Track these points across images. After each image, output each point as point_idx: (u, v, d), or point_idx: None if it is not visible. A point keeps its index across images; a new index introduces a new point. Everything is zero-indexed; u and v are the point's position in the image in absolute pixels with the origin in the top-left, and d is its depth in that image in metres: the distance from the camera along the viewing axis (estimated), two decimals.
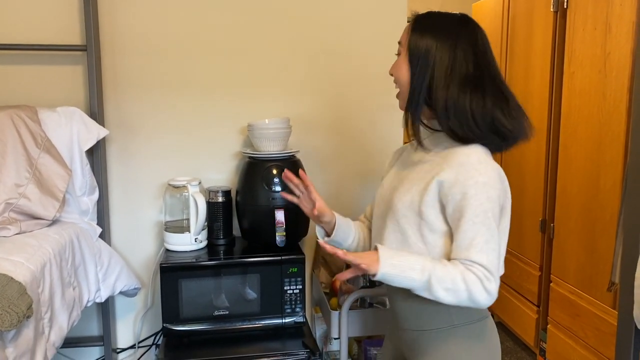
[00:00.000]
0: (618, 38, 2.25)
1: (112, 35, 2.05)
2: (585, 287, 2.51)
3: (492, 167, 1.19)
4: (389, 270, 1.16)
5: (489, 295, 1.15)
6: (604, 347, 2.38)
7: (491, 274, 1.15)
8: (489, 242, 1.16)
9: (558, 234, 2.72)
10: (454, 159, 1.20)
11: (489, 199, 1.16)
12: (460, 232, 1.17)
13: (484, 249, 1.15)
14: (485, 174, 1.17)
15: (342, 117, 2.22)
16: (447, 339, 1.26)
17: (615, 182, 2.28)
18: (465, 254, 1.16)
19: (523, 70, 3.04)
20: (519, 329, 3.14)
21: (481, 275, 1.14)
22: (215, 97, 2.14)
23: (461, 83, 1.21)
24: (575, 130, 2.56)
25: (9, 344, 1.23)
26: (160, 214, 2.16)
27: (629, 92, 2.20)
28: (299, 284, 1.88)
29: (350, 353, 2.15)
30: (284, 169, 1.46)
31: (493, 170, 1.18)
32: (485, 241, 1.16)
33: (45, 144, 1.79)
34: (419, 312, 1.28)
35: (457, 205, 1.18)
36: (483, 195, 1.16)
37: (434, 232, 1.23)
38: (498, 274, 1.17)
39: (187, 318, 1.84)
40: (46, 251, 1.53)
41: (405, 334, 1.34)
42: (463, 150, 1.20)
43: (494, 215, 1.17)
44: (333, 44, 2.18)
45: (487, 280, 1.14)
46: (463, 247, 1.16)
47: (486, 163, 1.18)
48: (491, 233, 1.16)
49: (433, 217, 1.22)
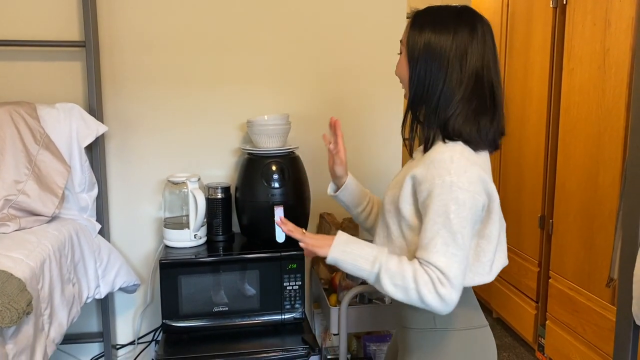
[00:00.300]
0: (617, 34, 2.25)
1: (110, 31, 2.04)
2: (584, 283, 2.51)
3: (466, 168, 1.12)
4: (339, 255, 1.18)
5: (441, 300, 1.09)
6: (602, 343, 2.39)
7: (447, 278, 1.09)
8: (449, 245, 1.10)
9: (557, 230, 2.73)
10: (429, 155, 1.16)
11: (456, 201, 1.10)
12: (423, 230, 1.13)
13: (441, 251, 1.10)
14: (455, 174, 1.11)
15: (342, 113, 2.22)
16: (428, 340, 1.24)
17: (614, 178, 2.28)
18: (423, 253, 1.12)
19: (522, 67, 3.04)
20: (517, 325, 3.15)
21: (434, 277, 1.09)
22: (214, 93, 2.14)
23: (458, 80, 1.18)
24: (574, 127, 2.56)
25: (9, 341, 1.23)
26: (159, 211, 2.16)
27: (628, 88, 2.20)
28: (299, 280, 1.88)
29: (350, 349, 2.15)
30: None
31: (467, 172, 1.12)
32: (444, 244, 1.10)
33: (44, 140, 1.79)
34: (406, 309, 1.28)
35: (423, 203, 1.15)
36: (448, 196, 1.10)
37: (411, 229, 1.21)
38: (459, 282, 1.10)
39: (187, 314, 1.84)
40: (46, 248, 1.53)
41: (399, 330, 1.35)
42: (440, 148, 1.16)
43: (460, 219, 1.10)
44: (333, 40, 2.18)
45: (439, 283, 1.09)
46: (422, 246, 1.12)
47: (459, 163, 1.12)
48: (453, 237, 1.10)
49: (408, 213, 1.20)
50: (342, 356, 1.83)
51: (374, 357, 2.09)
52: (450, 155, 1.13)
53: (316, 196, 2.21)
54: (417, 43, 1.21)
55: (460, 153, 1.14)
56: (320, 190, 2.22)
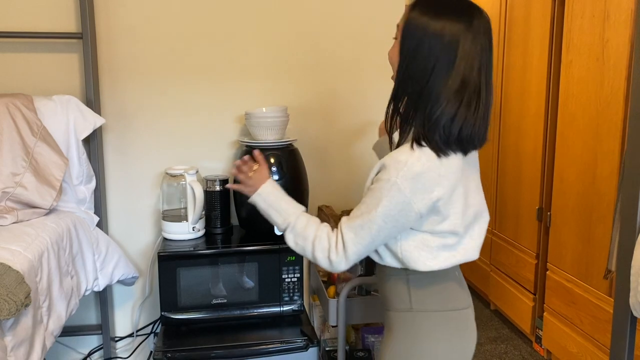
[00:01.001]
0: (616, 26, 2.25)
1: (108, 23, 2.03)
2: (582, 275, 2.52)
3: (416, 176, 1.15)
4: (259, 202, 1.36)
5: (330, 264, 1.25)
6: (599, 334, 2.40)
7: (345, 251, 1.22)
8: (364, 228, 1.20)
9: (554, 222, 2.73)
10: (392, 153, 1.19)
11: (389, 199, 1.16)
12: (358, 205, 1.24)
13: (355, 229, 1.21)
14: (402, 177, 1.15)
15: (340, 106, 2.22)
16: (406, 321, 1.30)
17: (612, 170, 2.29)
18: (344, 221, 1.24)
19: (521, 58, 3.04)
20: (515, 316, 3.16)
21: (332, 245, 1.24)
22: (212, 85, 2.13)
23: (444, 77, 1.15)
24: (572, 119, 2.56)
25: (8, 333, 1.24)
26: (157, 203, 2.15)
27: (627, 81, 2.20)
28: (297, 272, 1.88)
29: (348, 340, 2.16)
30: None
31: (414, 180, 1.15)
32: (361, 225, 1.20)
33: (42, 132, 1.78)
34: (385, 291, 1.34)
35: (370, 185, 1.23)
36: (387, 192, 1.16)
37: None
38: (353, 259, 1.23)
39: (185, 306, 1.85)
40: (44, 240, 1.53)
41: (382, 312, 1.41)
42: (404, 149, 1.18)
43: (385, 214, 1.17)
44: (331, 33, 2.17)
45: (335, 252, 1.23)
46: (349, 216, 1.23)
47: (411, 169, 1.15)
48: (370, 226, 1.19)
49: None
50: (341, 348, 1.83)
51: (372, 349, 2.10)
52: (406, 159, 1.15)
53: (314, 189, 2.21)
54: (410, 30, 1.18)
55: (417, 160, 1.15)
56: (319, 182, 2.22)
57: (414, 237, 1.23)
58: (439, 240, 1.23)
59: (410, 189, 1.15)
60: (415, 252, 1.24)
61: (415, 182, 1.15)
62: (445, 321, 1.29)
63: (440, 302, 1.29)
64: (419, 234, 1.23)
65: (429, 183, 1.16)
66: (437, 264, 1.24)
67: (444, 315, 1.29)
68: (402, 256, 1.25)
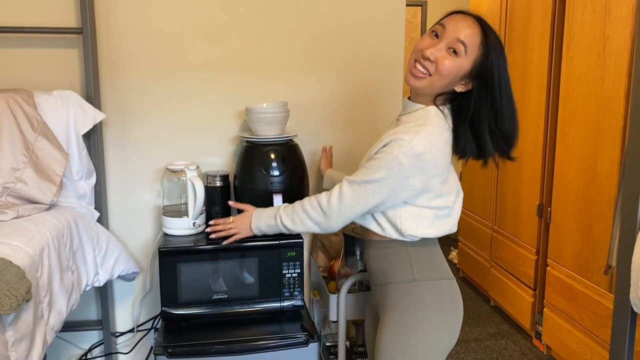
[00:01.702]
0: (617, 22, 2.24)
1: (108, 18, 2.03)
2: (582, 271, 2.53)
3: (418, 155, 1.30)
4: (258, 228, 1.58)
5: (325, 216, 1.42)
6: (599, 330, 2.40)
7: (340, 200, 1.39)
8: (360, 186, 1.35)
9: (555, 217, 2.73)
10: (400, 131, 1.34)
11: (389, 170, 1.31)
12: (362, 167, 1.38)
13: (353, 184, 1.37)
14: (403, 153, 1.30)
15: (341, 101, 2.21)
16: (410, 291, 1.40)
17: (613, 166, 2.29)
18: (348, 177, 1.39)
19: (521, 54, 3.03)
20: (515, 312, 3.17)
21: (325, 195, 1.42)
22: (213, 80, 2.13)
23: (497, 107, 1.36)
24: (573, 115, 2.56)
25: (9, 328, 1.24)
26: (158, 198, 2.15)
27: (628, 77, 2.19)
28: (297, 267, 1.88)
29: (349, 336, 2.16)
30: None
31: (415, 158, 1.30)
32: (358, 184, 1.36)
33: (42, 127, 1.78)
34: (385, 267, 1.45)
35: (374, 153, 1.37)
36: (385, 163, 1.31)
37: None
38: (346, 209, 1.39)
39: (186, 302, 1.85)
40: (44, 235, 1.53)
41: (377, 289, 1.50)
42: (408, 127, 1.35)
43: (382, 182, 1.32)
44: (332, 27, 2.16)
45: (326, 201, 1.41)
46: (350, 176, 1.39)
47: (416, 147, 1.29)
48: (366, 187, 1.34)
49: None
50: (341, 343, 1.84)
51: None
52: (410, 138, 1.30)
53: (315, 184, 2.21)
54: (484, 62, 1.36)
55: (420, 141, 1.31)
56: (319, 178, 2.22)
57: (411, 209, 1.38)
58: (433, 212, 1.40)
59: (409, 165, 1.29)
60: (413, 222, 1.39)
61: (415, 160, 1.29)
62: (445, 288, 1.43)
63: (438, 272, 1.44)
64: (415, 208, 1.38)
65: (428, 164, 1.31)
66: (434, 231, 1.41)
67: (443, 284, 1.43)
68: (401, 227, 1.39)
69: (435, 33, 1.36)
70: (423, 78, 1.36)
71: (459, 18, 1.33)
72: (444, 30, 1.33)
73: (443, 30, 1.34)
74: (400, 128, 1.37)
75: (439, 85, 1.36)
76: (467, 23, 1.32)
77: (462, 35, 1.31)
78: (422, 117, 1.38)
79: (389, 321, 1.41)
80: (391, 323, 1.41)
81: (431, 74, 1.34)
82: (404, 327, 1.39)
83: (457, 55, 1.32)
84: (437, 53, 1.33)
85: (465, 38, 1.31)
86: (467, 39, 1.31)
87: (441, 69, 1.33)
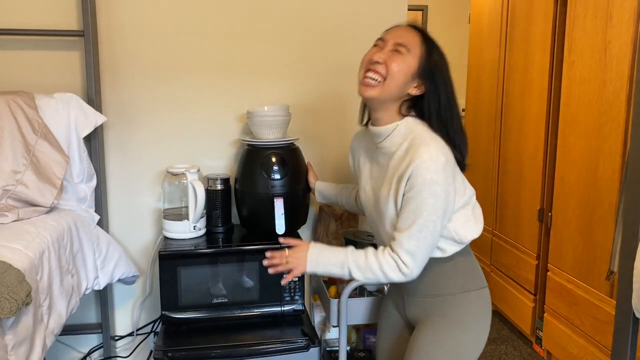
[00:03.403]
0: (619, 26, 2.24)
1: (109, 20, 2.03)
2: (583, 276, 2.52)
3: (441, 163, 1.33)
4: (314, 269, 1.45)
5: (404, 276, 1.38)
6: (600, 336, 2.40)
7: (413, 258, 1.36)
8: (422, 231, 1.35)
9: (556, 223, 2.73)
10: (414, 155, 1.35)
11: (435, 196, 1.33)
12: (402, 217, 1.37)
13: (412, 235, 1.35)
14: (434, 172, 1.32)
15: (342, 104, 2.21)
16: (460, 302, 1.46)
17: (614, 171, 2.28)
18: (399, 235, 1.37)
19: (523, 59, 3.03)
20: (515, 317, 3.16)
21: (398, 259, 1.37)
22: (214, 83, 2.12)
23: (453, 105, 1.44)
24: (574, 119, 2.56)
25: (8, 331, 1.23)
26: (158, 202, 2.15)
27: (629, 81, 2.19)
28: None
29: (349, 341, 2.15)
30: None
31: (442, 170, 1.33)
32: (419, 230, 1.35)
33: (43, 130, 1.78)
34: (432, 280, 1.48)
35: (406, 196, 1.37)
36: (427, 193, 1.33)
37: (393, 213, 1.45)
38: (421, 258, 1.38)
39: (186, 306, 1.84)
40: (44, 238, 1.52)
41: (417, 300, 1.53)
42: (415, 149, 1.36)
43: (435, 209, 1.34)
44: (334, 31, 2.16)
45: (404, 265, 1.37)
46: (399, 228, 1.38)
47: (437, 161, 1.33)
48: (428, 225, 1.34)
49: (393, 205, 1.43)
50: (342, 348, 1.83)
51: (373, 350, 2.09)
52: (429, 156, 1.33)
53: None
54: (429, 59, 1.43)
55: (437, 152, 1.34)
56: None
57: (457, 217, 1.43)
58: (469, 205, 1.46)
59: (444, 178, 1.34)
60: (465, 226, 1.44)
61: (444, 170, 1.34)
62: (486, 297, 1.51)
63: (480, 280, 1.51)
64: (459, 212, 1.43)
65: (451, 167, 1.38)
66: (480, 224, 1.48)
67: (484, 293, 1.51)
68: (458, 237, 1.43)
69: (377, 45, 1.45)
70: (376, 86, 1.41)
71: (396, 28, 1.45)
72: (385, 41, 1.43)
73: (384, 42, 1.43)
74: (404, 153, 1.39)
75: (394, 87, 1.40)
76: (404, 29, 1.43)
77: (401, 38, 1.41)
78: (409, 131, 1.42)
79: (433, 325, 1.47)
80: (436, 327, 1.47)
81: (385, 77, 1.39)
82: (449, 333, 1.45)
83: (402, 54, 1.40)
84: (384, 55, 1.40)
85: (404, 39, 1.40)
86: (406, 40, 1.40)
87: (391, 68, 1.39)
